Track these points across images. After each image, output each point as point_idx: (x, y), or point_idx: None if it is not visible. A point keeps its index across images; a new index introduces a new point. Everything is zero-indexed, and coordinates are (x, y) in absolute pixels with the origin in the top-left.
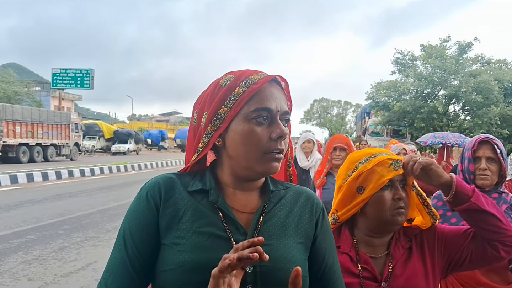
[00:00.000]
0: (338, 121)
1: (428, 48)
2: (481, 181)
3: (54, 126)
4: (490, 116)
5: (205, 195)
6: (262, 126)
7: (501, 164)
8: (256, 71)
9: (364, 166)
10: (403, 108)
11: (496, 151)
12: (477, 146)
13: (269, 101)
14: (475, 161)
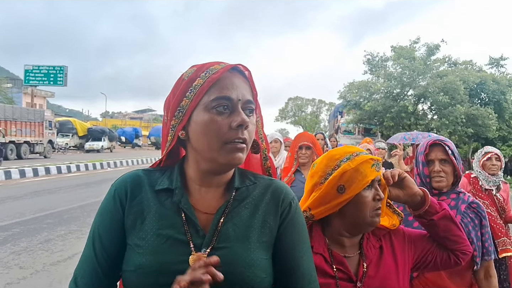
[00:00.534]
0: (312, 119)
1: (398, 49)
2: (437, 184)
3: (28, 123)
4: (456, 115)
5: (170, 194)
6: (222, 116)
7: (454, 165)
8: (218, 62)
9: (348, 164)
10: (374, 108)
11: (447, 153)
12: (429, 149)
13: (229, 90)
14: (428, 164)
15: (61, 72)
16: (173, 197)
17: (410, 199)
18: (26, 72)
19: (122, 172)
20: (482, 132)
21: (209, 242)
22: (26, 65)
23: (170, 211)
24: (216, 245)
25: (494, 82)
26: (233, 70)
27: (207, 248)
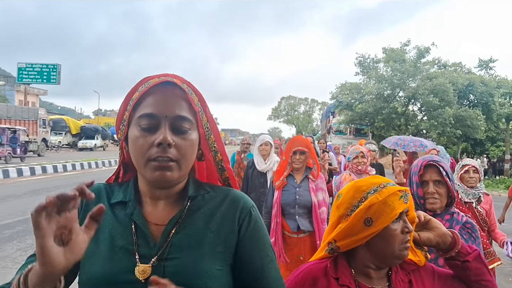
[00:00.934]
0: (305, 118)
1: (389, 51)
2: (431, 205)
3: (22, 121)
4: (445, 117)
5: (125, 207)
6: (147, 132)
7: (448, 186)
8: (164, 75)
9: (375, 197)
10: (365, 109)
11: (442, 174)
12: (423, 170)
13: (155, 107)
14: (422, 185)
15: (54, 70)
16: (126, 209)
17: (441, 239)
18: (19, 70)
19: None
20: (470, 133)
21: (157, 252)
22: (19, 63)
23: (123, 224)
24: (167, 256)
25: (482, 84)
26: (167, 84)
27: (154, 259)
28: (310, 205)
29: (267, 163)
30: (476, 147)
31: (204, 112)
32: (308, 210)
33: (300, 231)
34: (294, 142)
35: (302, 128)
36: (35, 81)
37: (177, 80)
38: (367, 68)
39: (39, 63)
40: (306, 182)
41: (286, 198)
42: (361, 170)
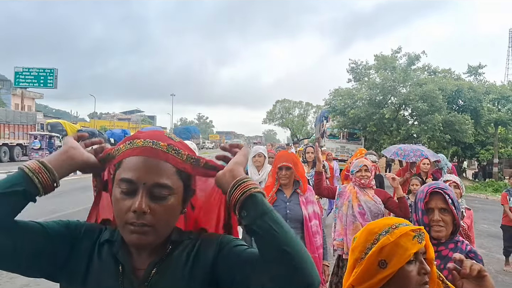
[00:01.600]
0: (299, 121)
1: (380, 58)
2: (436, 233)
3: (21, 126)
4: (434, 122)
5: (112, 246)
6: (126, 196)
7: (454, 214)
8: (151, 134)
9: (387, 238)
10: (357, 115)
11: (447, 202)
12: (429, 198)
13: (134, 172)
14: (428, 212)
15: (51, 75)
16: (113, 248)
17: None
18: (16, 74)
19: None
20: (459, 138)
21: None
22: (16, 67)
23: (109, 263)
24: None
25: (471, 89)
26: (152, 146)
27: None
28: (301, 219)
29: (261, 174)
30: (466, 151)
31: (198, 161)
32: (300, 224)
33: None
34: (280, 158)
35: (296, 131)
36: (32, 85)
37: (162, 142)
38: (359, 75)
39: (36, 68)
40: (296, 196)
41: (277, 212)
42: (364, 184)
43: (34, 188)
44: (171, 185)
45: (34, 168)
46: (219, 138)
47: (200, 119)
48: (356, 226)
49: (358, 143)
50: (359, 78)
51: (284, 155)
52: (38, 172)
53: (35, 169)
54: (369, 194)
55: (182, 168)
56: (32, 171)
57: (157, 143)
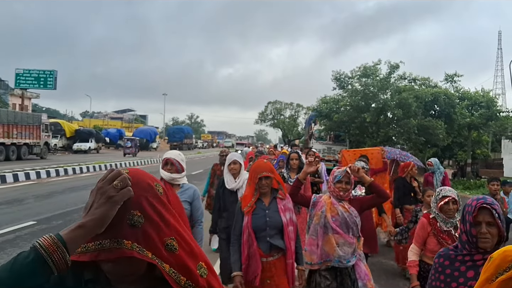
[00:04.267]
0: (290, 122)
1: (362, 68)
2: (483, 244)
3: (27, 126)
4: (410, 126)
5: (95, 284)
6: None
7: (499, 227)
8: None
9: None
10: (341, 119)
11: (494, 216)
12: (478, 212)
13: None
14: (475, 225)
15: (51, 76)
16: (98, 285)
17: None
18: (16, 75)
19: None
20: (433, 140)
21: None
22: (17, 69)
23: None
24: None
25: (446, 96)
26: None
27: None
28: (281, 226)
29: (237, 181)
30: (445, 152)
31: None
32: (279, 231)
33: (270, 254)
34: (258, 168)
35: (287, 132)
36: (32, 86)
37: (126, 242)
38: (342, 83)
39: (36, 69)
40: (275, 204)
41: (256, 221)
42: (343, 196)
43: (49, 271)
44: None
45: (47, 246)
46: (211, 138)
47: (191, 119)
48: (328, 239)
49: (343, 145)
50: (343, 86)
51: (261, 165)
52: (52, 251)
53: (48, 247)
54: (345, 205)
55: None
56: (46, 250)
57: (120, 247)
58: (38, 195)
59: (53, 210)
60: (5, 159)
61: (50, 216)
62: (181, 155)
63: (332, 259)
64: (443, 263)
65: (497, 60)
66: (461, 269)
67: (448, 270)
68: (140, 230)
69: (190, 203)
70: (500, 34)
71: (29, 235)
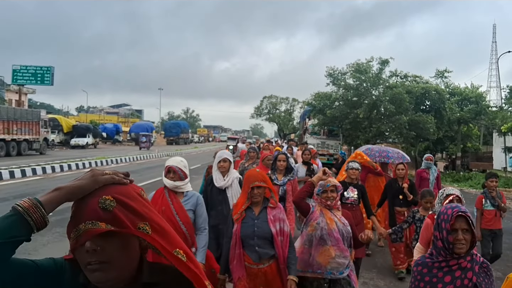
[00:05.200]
0: (286, 116)
1: (355, 65)
2: (459, 250)
3: (26, 123)
4: (401, 122)
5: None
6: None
7: (473, 233)
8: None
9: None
10: (334, 114)
11: (469, 223)
12: (454, 220)
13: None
14: (452, 232)
15: (48, 72)
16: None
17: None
18: (13, 72)
19: (127, 168)
20: (423, 135)
21: None
22: (14, 65)
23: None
24: None
25: (436, 92)
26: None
27: None
28: (270, 236)
29: (226, 180)
30: (437, 145)
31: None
32: (268, 241)
33: (260, 262)
34: (250, 178)
35: (283, 126)
36: (29, 82)
37: (101, 223)
38: (336, 79)
39: (33, 65)
40: (264, 214)
41: (245, 230)
42: (330, 206)
43: (29, 229)
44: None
45: (27, 207)
46: (207, 133)
47: (187, 113)
48: (325, 250)
49: (337, 139)
50: (336, 82)
51: (254, 175)
52: (32, 211)
53: (28, 208)
54: (337, 216)
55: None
56: (25, 209)
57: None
58: (47, 189)
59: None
60: (5, 154)
61: (63, 209)
62: (183, 162)
63: (324, 271)
64: (421, 271)
65: (491, 53)
66: (438, 275)
67: (427, 277)
68: (111, 214)
69: (194, 211)
70: (495, 28)
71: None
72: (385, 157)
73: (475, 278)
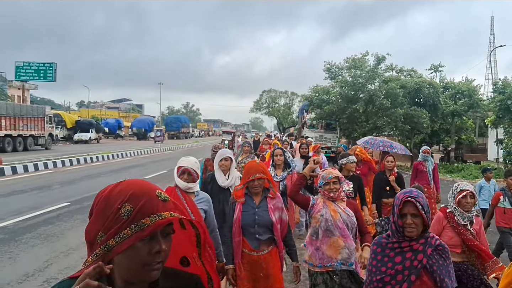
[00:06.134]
0: (285, 110)
1: (351, 60)
2: (408, 233)
3: (32, 119)
4: (396, 115)
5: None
6: (142, 242)
7: (423, 218)
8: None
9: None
10: (331, 109)
11: (418, 208)
12: (403, 205)
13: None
14: (402, 217)
15: (50, 68)
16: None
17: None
18: (17, 68)
19: (132, 162)
20: (418, 128)
21: None
22: (17, 62)
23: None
24: None
25: (430, 86)
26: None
27: None
28: (270, 224)
29: (229, 179)
30: (433, 138)
31: None
32: (268, 230)
33: (260, 249)
34: (250, 170)
35: (282, 120)
36: (32, 78)
37: (165, 213)
38: (333, 74)
39: (36, 62)
40: (265, 203)
41: (246, 218)
42: (333, 197)
43: None
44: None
45: None
46: (207, 127)
47: (187, 107)
48: (333, 242)
49: (334, 133)
50: (334, 77)
51: (253, 167)
52: None
53: None
54: (342, 207)
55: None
56: None
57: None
58: (61, 182)
59: (80, 194)
60: (12, 150)
61: (80, 199)
62: (197, 163)
63: (334, 263)
64: (376, 250)
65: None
66: (390, 255)
67: (379, 256)
68: (170, 203)
69: (205, 211)
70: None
71: (67, 213)
72: (389, 147)
73: (425, 260)
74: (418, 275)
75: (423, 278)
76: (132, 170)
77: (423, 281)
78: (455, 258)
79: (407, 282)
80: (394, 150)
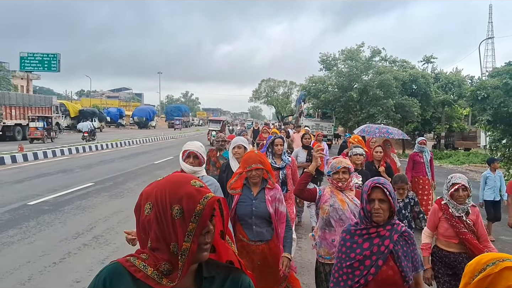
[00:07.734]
0: (283, 99)
1: (347, 52)
2: (376, 218)
3: (40, 108)
4: (388, 105)
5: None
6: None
7: (391, 203)
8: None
9: (492, 269)
10: (327, 98)
11: (385, 194)
12: (371, 191)
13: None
14: (370, 202)
15: (54, 59)
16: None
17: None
18: (21, 59)
19: (139, 149)
20: (409, 117)
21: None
22: (22, 52)
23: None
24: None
25: (422, 77)
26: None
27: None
28: (267, 216)
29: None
30: (425, 126)
31: None
32: (266, 221)
33: (258, 239)
34: (249, 160)
35: (281, 109)
36: (36, 69)
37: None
38: (329, 65)
39: (40, 52)
40: (262, 194)
41: (243, 209)
42: (342, 187)
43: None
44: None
45: None
46: (206, 115)
47: (186, 96)
48: None
49: (330, 121)
50: (329, 68)
51: (252, 157)
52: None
53: None
54: (350, 197)
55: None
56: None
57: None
58: (81, 166)
59: (101, 176)
60: (22, 138)
61: (102, 180)
62: (203, 147)
63: None
64: (345, 237)
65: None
66: (358, 242)
67: (348, 243)
68: (205, 188)
69: None
70: (491, 8)
71: (95, 190)
72: (385, 133)
73: (391, 246)
74: (385, 260)
75: (390, 263)
76: (141, 156)
77: (390, 265)
78: (453, 249)
79: (374, 267)
80: (391, 136)
